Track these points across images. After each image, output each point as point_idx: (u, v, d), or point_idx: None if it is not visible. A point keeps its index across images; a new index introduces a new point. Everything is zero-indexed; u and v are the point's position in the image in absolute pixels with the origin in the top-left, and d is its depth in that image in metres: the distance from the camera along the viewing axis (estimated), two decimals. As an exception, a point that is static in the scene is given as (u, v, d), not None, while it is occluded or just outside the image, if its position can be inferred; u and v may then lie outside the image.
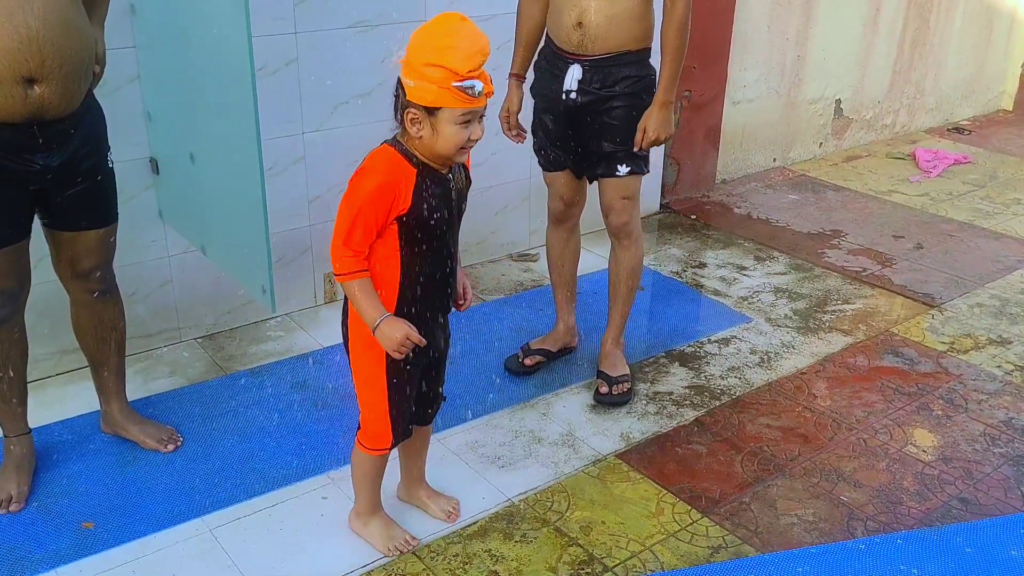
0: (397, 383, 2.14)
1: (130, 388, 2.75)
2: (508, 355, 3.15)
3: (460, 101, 1.87)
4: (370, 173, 1.95)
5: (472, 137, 1.94)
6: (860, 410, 2.99)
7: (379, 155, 1.98)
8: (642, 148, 2.72)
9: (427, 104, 1.88)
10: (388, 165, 1.96)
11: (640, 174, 2.85)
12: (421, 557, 2.31)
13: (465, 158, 2.06)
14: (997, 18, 6.32)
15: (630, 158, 2.79)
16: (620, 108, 2.73)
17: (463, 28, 1.88)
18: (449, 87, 1.85)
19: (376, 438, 2.21)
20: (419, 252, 2.03)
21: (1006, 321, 3.60)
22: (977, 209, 4.78)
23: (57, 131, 2.18)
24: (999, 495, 2.60)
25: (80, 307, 2.51)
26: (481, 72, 1.88)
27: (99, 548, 2.30)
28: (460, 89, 1.85)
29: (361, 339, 2.10)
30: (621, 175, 2.81)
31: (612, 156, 2.79)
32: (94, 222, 2.37)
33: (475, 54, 1.86)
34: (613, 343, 3.03)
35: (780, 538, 2.41)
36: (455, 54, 1.84)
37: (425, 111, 1.89)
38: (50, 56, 2.05)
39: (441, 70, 1.84)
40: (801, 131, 5.41)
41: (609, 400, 2.94)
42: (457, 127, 1.90)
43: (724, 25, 4.57)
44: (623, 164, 2.79)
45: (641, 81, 2.73)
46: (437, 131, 1.91)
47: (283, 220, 3.26)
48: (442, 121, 1.90)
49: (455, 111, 1.88)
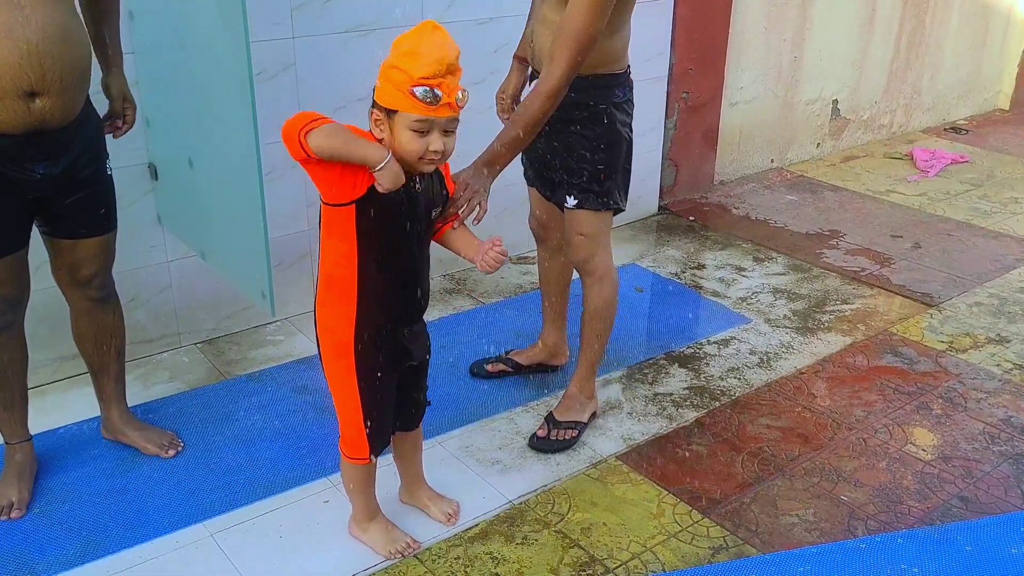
0: (370, 393, 2.12)
1: (130, 393, 2.75)
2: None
3: (415, 107, 1.86)
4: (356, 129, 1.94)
5: (432, 148, 1.90)
6: (860, 410, 3.00)
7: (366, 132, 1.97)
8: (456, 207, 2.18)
9: (385, 105, 1.89)
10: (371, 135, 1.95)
11: (594, 210, 2.60)
12: (422, 560, 2.31)
13: (429, 169, 1.99)
14: (993, 18, 6.33)
15: (578, 190, 2.58)
16: (566, 135, 2.54)
17: (430, 35, 1.88)
18: (406, 91, 1.85)
19: (354, 447, 2.19)
20: (378, 256, 1.99)
21: (1004, 320, 3.61)
22: (975, 208, 4.79)
23: (57, 140, 2.18)
24: (999, 493, 2.61)
25: (80, 314, 2.51)
26: (444, 82, 1.86)
27: (101, 554, 2.31)
28: (414, 95, 1.84)
29: (331, 348, 2.09)
30: (569, 207, 2.61)
31: (561, 184, 2.61)
32: (93, 230, 2.37)
33: (434, 62, 1.84)
34: (576, 387, 2.82)
35: (781, 538, 2.42)
36: (415, 59, 1.84)
37: (385, 113, 1.90)
38: (50, 69, 2.06)
39: (401, 73, 1.85)
40: (798, 132, 5.42)
41: (539, 446, 2.73)
42: (412, 134, 1.88)
43: (721, 26, 4.58)
44: (571, 196, 2.59)
45: (590, 109, 2.49)
46: (394, 134, 1.90)
47: (282, 224, 3.27)
48: (398, 125, 1.89)
49: (410, 116, 1.87)
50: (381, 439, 2.22)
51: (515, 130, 2.32)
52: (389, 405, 2.21)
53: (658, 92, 4.38)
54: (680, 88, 4.47)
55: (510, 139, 2.32)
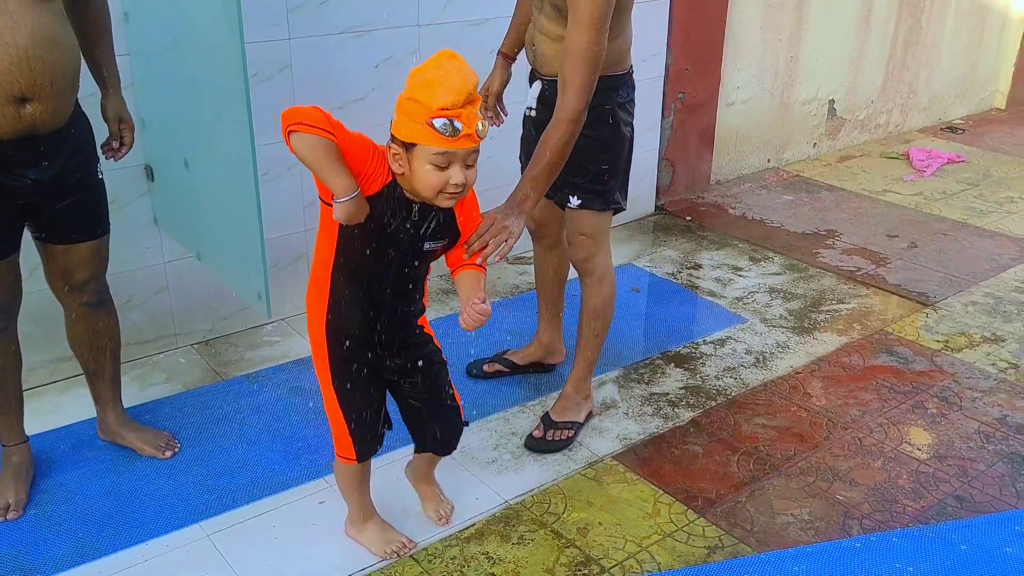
0: (345, 397, 2.10)
1: (127, 395, 2.75)
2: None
3: (435, 139, 1.78)
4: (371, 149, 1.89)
5: (452, 181, 1.82)
6: (855, 409, 3.00)
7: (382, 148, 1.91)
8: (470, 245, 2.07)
9: (403, 139, 1.82)
10: (377, 152, 1.89)
11: (596, 210, 2.61)
12: (418, 560, 2.31)
13: (449, 204, 1.91)
14: (989, 17, 6.34)
15: (581, 191, 2.57)
16: None
17: (447, 64, 1.79)
18: (424, 123, 1.77)
19: (342, 446, 2.17)
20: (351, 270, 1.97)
21: (1000, 319, 3.62)
22: (971, 208, 4.80)
23: (48, 145, 2.18)
24: (994, 492, 2.61)
25: (74, 319, 2.51)
26: (463, 112, 1.78)
27: (97, 555, 2.31)
28: (433, 127, 1.77)
29: (312, 343, 2.09)
30: (572, 207, 2.60)
31: (564, 184, 2.55)
32: (86, 234, 2.37)
33: (452, 91, 1.76)
34: (572, 387, 2.83)
35: (776, 537, 2.42)
36: (432, 89, 1.76)
37: (403, 146, 1.83)
38: (41, 74, 2.06)
39: (418, 105, 1.77)
40: (795, 132, 5.43)
41: (536, 446, 2.73)
42: (431, 167, 1.81)
43: (717, 27, 4.58)
44: (574, 196, 2.59)
45: (595, 110, 2.41)
46: (412, 168, 1.83)
47: (278, 225, 3.27)
48: (417, 158, 1.82)
49: (429, 149, 1.79)
50: (364, 444, 2.17)
51: (542, 163, 2.29)
52: (370, 413, 2.15)
53: (654, 92, 4.39)
54: (676, 88, 4.47)
55: (539, 174, 2.30)
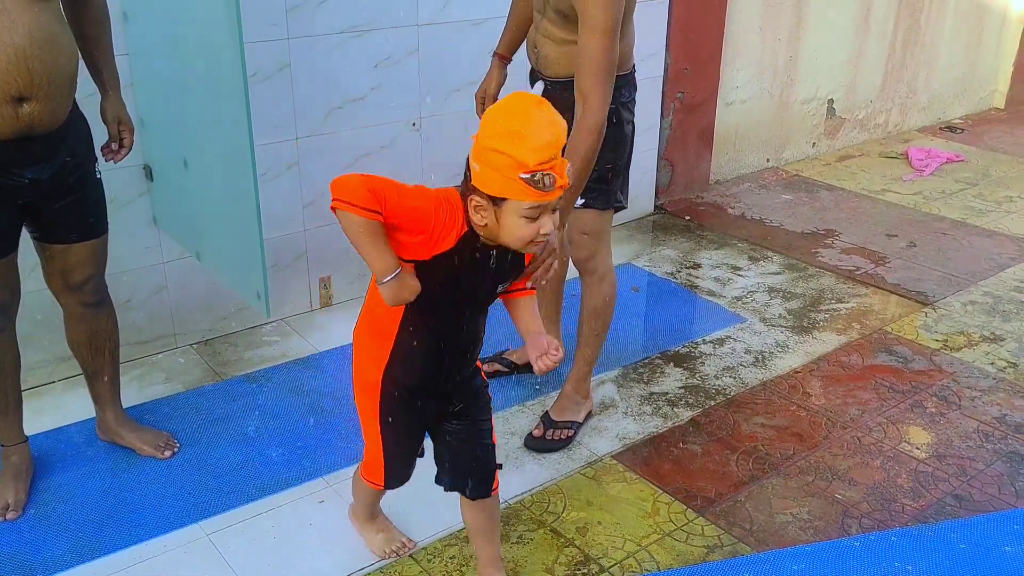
0: (392, 439, 2.04)
1: (126, 395, 2.75)
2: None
3: (529, 194, 1.65)
4: (439, 202, 1.74)
5: (543, 231, 1.71)
6: (854, 408, 3.01)
7: (451, 196, 1.76)
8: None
9: (492, 193, 1.68)
10: (446, 203, 1.74)
11: (600, 209, 2.60)
12: (418, 559, 2.31)
13: (535, 251, 1.85)
14: (988, 17, 6.34)
15: (587, 190, 2.51)
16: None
17: (537, 114, 1.66)
18: (516, 178, 1.64)
19: (372, 472, 2.13)
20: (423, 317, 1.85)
21: (999, 318, 3.62)
22: (970, 207, 4.80)
23: (45, 145, 2.18)
24: (992, 491, 2.62)
25: (73, 319, 2.51)
26: (554, 162, 1.66)
27: (97, 554, 2.31)
28: (528, 182, 1.64)
29: (360, 383, 2.01)
30: (576, 206, 2.55)
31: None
32: (84, 234, 2.37)
33: (546, 146, 1.64)
34: (572, 386, 2.83)
35: (775, 537, 2.42)
36: (524, 144, 1.62)
37: (490, 199, 1.69)
38: (39, 74, 2.06)
39: (508, 158, 1.63)
40: (794, 131, 5.43)
41: (535, 446, 2.74)
42: (523, 220, 1.69)
43: (716, 26, 4.58)
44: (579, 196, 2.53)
45: None
46: (501, 222, 1.70)
47: (277, 225, 3.27)
48: (507, 212, 1.69)
49: (522, 204, 1.67)
50: (397, 478, 2.14)
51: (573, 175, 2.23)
52: (411, 450, 2.11)
53: (654, 92, 4.39)
54: (676, 88, 4.47)
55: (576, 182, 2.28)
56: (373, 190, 1.67)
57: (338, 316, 3.48)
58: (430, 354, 1.92)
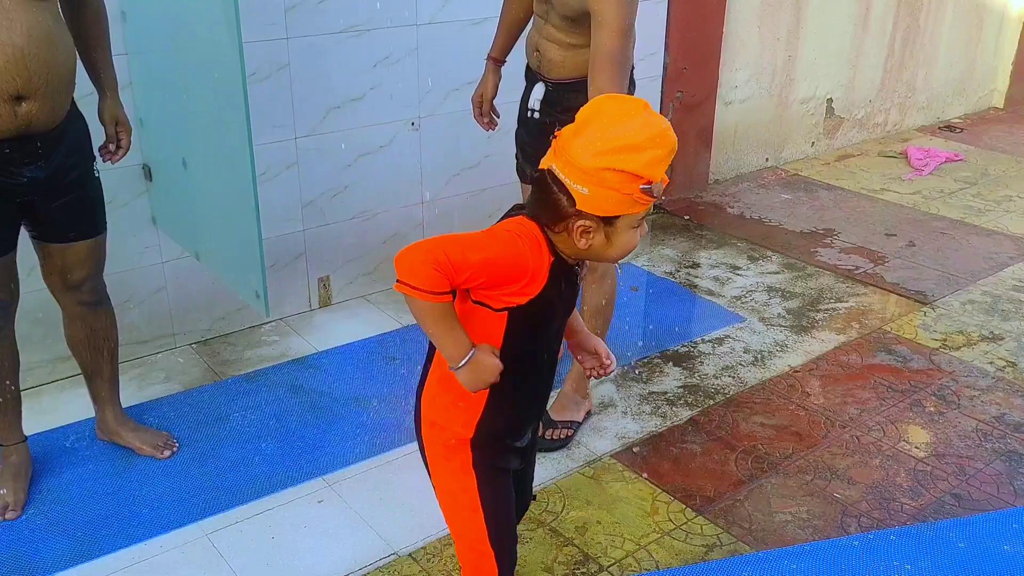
0: (493, 499, 1.73)
1: (125, 394, 2.75)
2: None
3: (643, 205, 1.53)
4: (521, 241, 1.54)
5: (642, 234, 1.61)
6: (853, 408, 3.01)
7: (527, 228, 1.57)
8: None
9: (607, 214, 1.52)
10: (530, 239, 1.56)
11: None
12: (417, 559, 2.31)
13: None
14: (987, 16, 6.34)
15: None
16: None
17: (649, 122, 1.50)
18: (636, 192, 1.49)
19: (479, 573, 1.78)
20: (519, 356, 1.64)
21: (998, 318, 3.62)
22: (969, 207, 4.80)
23: (43, 144, 2.18)
24: (991, 490, 2.62)
25: (72, 319, 2.51)
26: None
27: (96, 554, 2.31)
28: (647, 193, 1.50)
29: (441, 446, 1.72)
30: None
31: None
32: (83, 233, 2.37)
33: (667, 156, 1.50)
34: (571, 385, 2.84)
35: (774, 536, 2.42)
36: (644, 157, 1.47)
37: (601, 220, 1.54)
38: (36, 73, 2.06)
39: (626, 175, 1.48)
40: (793, 131, 5.43)
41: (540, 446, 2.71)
42: (634, 231, 1.57)
43: (715, 25, 4.58)
44: None
45: None
46: (611, 240, 1.56)
47: (276, 225, 3.27)
48: (621, 229, 1.55)
49: (635, 216, 1.55)
50: (512, 557, 1.81)
51: None
52: (513, 511, 1.82)
53: (652, 91, 4.39)
54: (674, 87, 4.47)
55: None
56: (441, 264, 1.48)
57: (337, 316, 3.49)
58: (521, 390, 1.71)
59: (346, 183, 3.43)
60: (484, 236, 1.55)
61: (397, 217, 3.62)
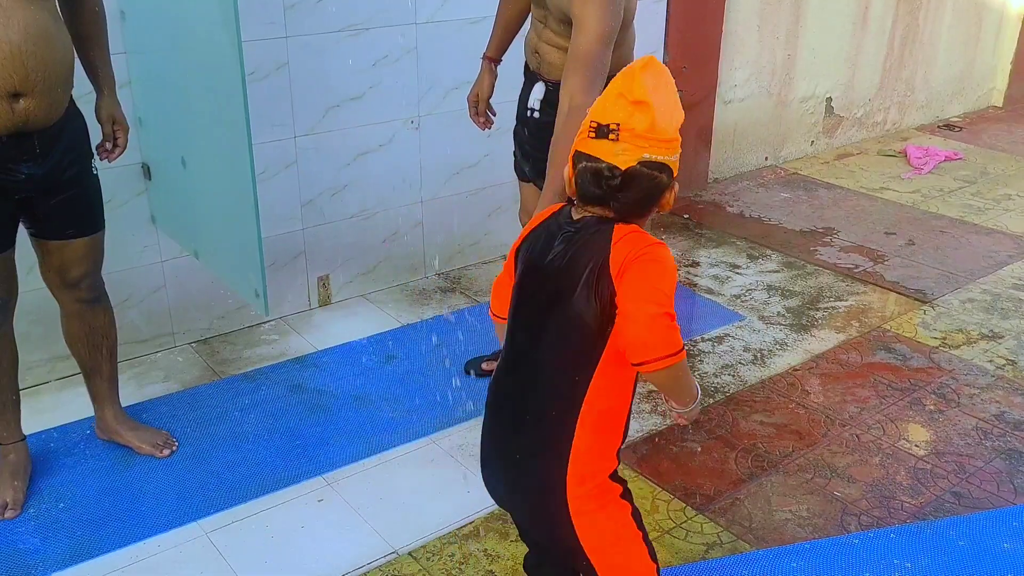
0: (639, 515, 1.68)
1: (124, 393, 2.75)
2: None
3: None
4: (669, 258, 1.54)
5: None
6: (853, 406, 3.01)
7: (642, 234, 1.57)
8: None
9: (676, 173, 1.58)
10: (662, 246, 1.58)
11: None
12: (417, 558, 2.31)
13: None
14: (986, 15, 6.35)
15: None
16: None
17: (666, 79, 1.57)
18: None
19: None
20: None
21: (997, 316, 3.62)
22: (968, 205, 4.80)
23: (41, 141, 2.18)
24: (991, 488, 2.62)
25: (70, 316, 2.51)
26: None
27: (95, 553, 2.31)
28: None
29: (591, 503, 1.59)
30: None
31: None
32: (81, 230, 2.37)
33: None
34: None
35: (774, 534, 2.42)
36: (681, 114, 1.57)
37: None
38: (34, 70, 2.06)
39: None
40: (792, 129, 5.43)
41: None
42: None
43: (714, 24, 4.58)
44: None
45: None
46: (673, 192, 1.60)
47: (276, 224, 3.27)
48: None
49: None
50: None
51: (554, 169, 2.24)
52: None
53: (652, 90, 4.38)
54: (674, 86, 4.47)
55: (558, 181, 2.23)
56: (673, 316, 1.49)
57: (336, 314, 3.48)
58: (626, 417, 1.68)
59: (345, 182, 3.43)
60: (663, 269, 1.52)
61: (396, 216, 3.62)
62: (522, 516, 1.75)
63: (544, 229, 1.64)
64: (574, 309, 1.54)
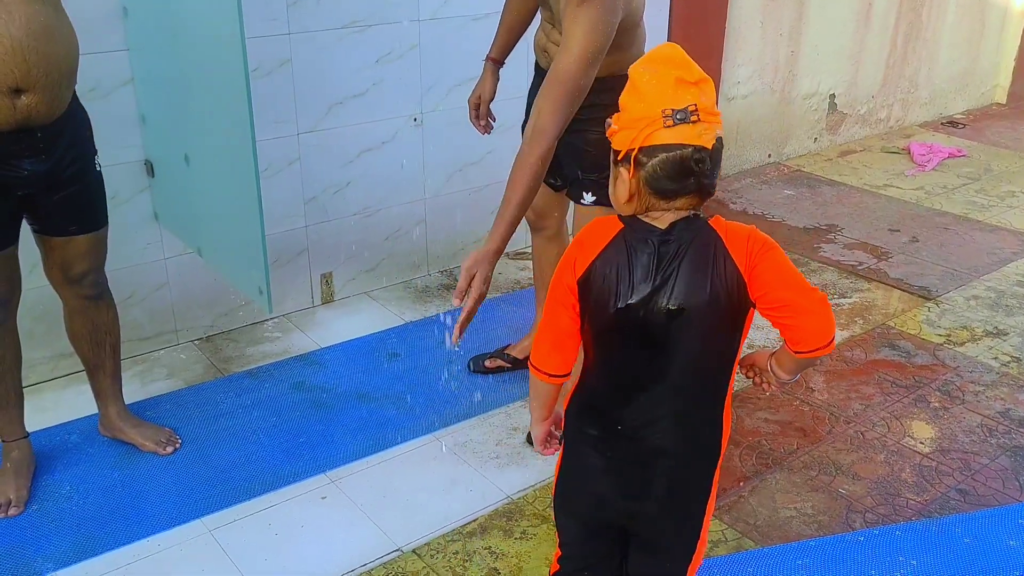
0: None
1: (128, 391, 2.75)
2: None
3: None
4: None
5: None
6: (858, 403, 3.00)
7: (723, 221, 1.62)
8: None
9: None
10: None
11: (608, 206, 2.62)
12: (421, 555, 2.31)
13: None
14: (990, 11, 6.33)
15: (596, 187, 2.54)
16: (588, 134, 2.43)
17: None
18: None
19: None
20: None
21: (1002, 313, 3.61)
22: (972, 202, 4.79)
23: (43, 137, 2.17)
24: (997, 486, 2.61)
25: (74, 313, 2.51)
26: None
27: (99, 551, 2.30)
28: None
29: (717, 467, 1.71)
30: (586, 203, 2.59)
31: (578, 182, 2.59)
32: (84, 227, 2.36)
33: None
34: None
35: (779, 531, 2.42)
36: None
37: None
38: (35, 65, 2.05)
39: None
40: (796, 126, 5.42)
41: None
42: None
43: (717, 21, 4.58)
44: (588, 192, 2.58)
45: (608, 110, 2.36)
46: None
47: (279, 221, 3.27)
48: None
49: None
50: None
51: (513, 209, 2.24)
52: None
53: (655, 87, 4.38)
54: (677, 83, 4.46)
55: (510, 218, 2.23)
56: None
57: (339, 312, 3.48)
58: None
59: (348, 179, 3.42)
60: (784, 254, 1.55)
61: (399, 213, 3.61)
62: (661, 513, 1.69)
63: (614, 255, 1.57)
64: (709, 317, 1.53)
